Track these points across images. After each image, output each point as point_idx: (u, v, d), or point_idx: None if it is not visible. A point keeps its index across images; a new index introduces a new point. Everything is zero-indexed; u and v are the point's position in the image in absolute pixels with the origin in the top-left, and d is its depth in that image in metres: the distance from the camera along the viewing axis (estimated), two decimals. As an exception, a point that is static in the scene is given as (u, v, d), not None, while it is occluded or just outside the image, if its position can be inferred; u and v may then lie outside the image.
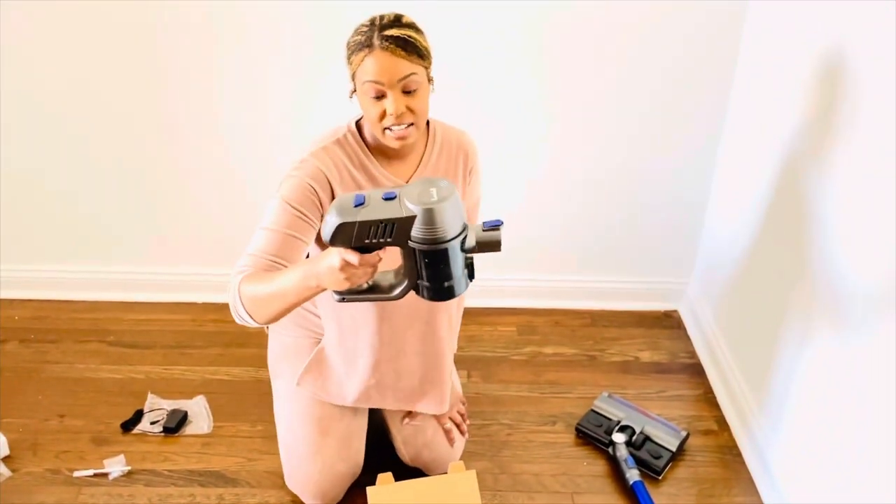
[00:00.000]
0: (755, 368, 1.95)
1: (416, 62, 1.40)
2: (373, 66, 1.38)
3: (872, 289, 1.45)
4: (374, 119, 1.44)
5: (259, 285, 1.37)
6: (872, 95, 1.46)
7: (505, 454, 1.96)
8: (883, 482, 1.40)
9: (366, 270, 1.28)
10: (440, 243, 1.22)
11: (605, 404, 2.06)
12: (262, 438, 1.98)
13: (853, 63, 1.53)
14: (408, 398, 1.75)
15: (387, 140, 1.46)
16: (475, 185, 1.70)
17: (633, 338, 2.39)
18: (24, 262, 2.45)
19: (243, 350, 2.28)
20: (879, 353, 1.42)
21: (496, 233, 1.25)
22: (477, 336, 2.38)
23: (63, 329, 2.36)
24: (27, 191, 2.33)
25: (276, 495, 1.82)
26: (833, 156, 1.60)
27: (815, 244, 1.66)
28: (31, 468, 1.88)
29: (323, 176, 1.49)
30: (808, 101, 1.71)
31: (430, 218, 1.20)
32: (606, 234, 2.40)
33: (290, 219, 1.46)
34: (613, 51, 2.10)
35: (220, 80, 2.15)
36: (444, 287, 1.27)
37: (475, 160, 1.68)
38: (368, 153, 1.54)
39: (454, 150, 1.63)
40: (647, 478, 1.89)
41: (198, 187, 2.32)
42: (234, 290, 1.40)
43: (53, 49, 2.11)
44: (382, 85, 1.39)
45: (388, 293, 1.33)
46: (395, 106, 1.40)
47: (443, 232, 1.21)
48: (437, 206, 1.19)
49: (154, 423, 2.01)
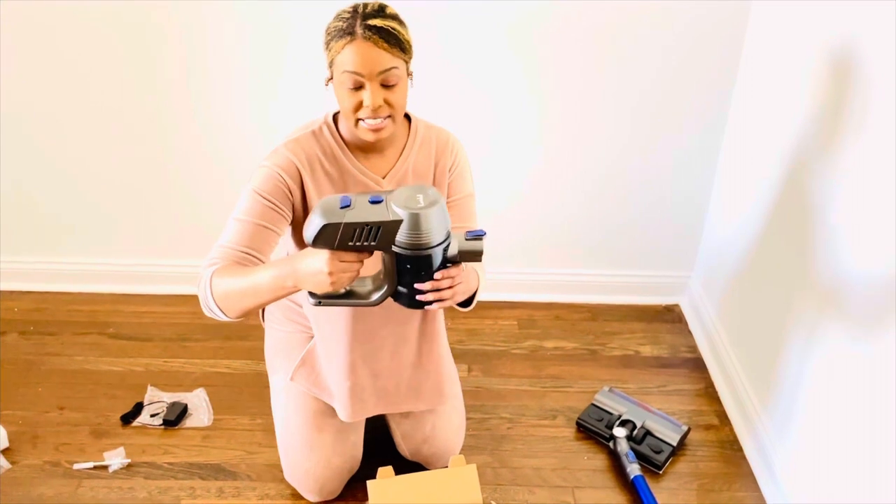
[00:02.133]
0: (757, 363, 1.94)
1: (398, 55, 1.37)
2: (353, 56, 1.34)
3: (875, 284, 1.44)
4: (349, 110, 1.40)
5: (231, 279, 1.36)
6: (877, 91, 1.45)
7: (505, 448, 1.96)
8: (886, 477, 1.39)
9: (350, 275, 1.27)
10: (424, 249, 1.24)
11: (606, 398, 2.06)
12: (262, 431, 1.97)
13: (857, 58, 1.52)
14: (393, 400, 1.70)
15: (360, 132, 1.43)
16: (461, 182, 1.64)
17: (634, 332, 2.39)
18: (23, 254, 2.44)
19: (243, 343, 2.28)
20: (883, 348, 1.41)
21: (479, 242, 1.28)
22: (477, 330, 2.37)
23: (63, 321, 2.36)
24: (27, 182, 2.32)
25: (276, 488, 1.82)
26: (836, 150, 1.59)
27: (817, 238, 1.66)
28: (30, 460, 1.88)
29: (294, 167, 1.47)
30: (811, 94, 1.70)
31: (415, 223, 1.21)
32: (608, 228, 2.39)
33: (262, 209, 1.45)
34: (617, 45, 2.09)
35: (219, 74, 2.14)
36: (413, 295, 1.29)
37: (457, 158, 1.62)
38: (343, 146, 1.51)
39: (434, 148, 1.59)
40: (648, 472, 1.89)
41: (197, 179, 2.31)
42: (205, 283, 1.39)
43: (51, 41, 2.10)
44: (362, 76, 1.36)
45: (366, 299, 1.33)
46: (372, 99, 1.36)
47: (427, 238, 1.23)
48: (424, 211, 1.21)
49: (154, 415, 2.01)
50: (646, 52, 2.10)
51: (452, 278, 1.31)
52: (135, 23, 2.07)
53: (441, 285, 1.30)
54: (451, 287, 1.32)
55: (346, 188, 1.52)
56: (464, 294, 1.41)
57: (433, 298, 1.31)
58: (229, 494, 1.81)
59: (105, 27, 2.08)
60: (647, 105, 2.18)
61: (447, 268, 1.29)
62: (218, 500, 1.79)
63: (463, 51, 2.10)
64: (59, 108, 2.20)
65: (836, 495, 1.55)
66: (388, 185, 1.53)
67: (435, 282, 1.30)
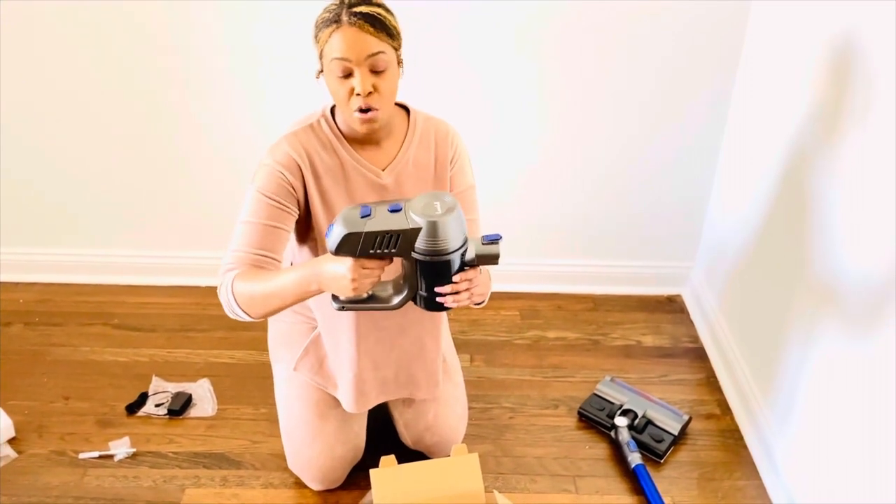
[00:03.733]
0: (758, 353, 1.95)
1: (385, 40, 1.37)
2: (340, 42, 1.35)
3: (875, 276, 1.44)
4: (343, 100, 1.40)
5: (255, 284, 1.39)
6: (878, 83, 1.45)
7: (507, 437, 1.97)
8: (885, 467, 1.40)
9: (371, 280, 1.31)
10: (443, 255, 1.28)
11: (608, 388, 2.06)
12: (265, 421, 1.99)
13: (857, 54, 1.52)
14: (392, 389, 1.74)
15: (354, 123, 1.43)
16: (462, 175, 1.64)
17: (636, 322, 2.39)
18: (28, 245, 2.45)
19: (247, 333, 2.29)
20: (883, 339, 1.42)
21: (495, 246, 1.33)
22: (480, 320, 2.38)
23: (67, 312, 2.37)
24: (31, 174, 2.33)
25: (280, 477, 1.84)
26: (838, 142, 1.59)
27: (817, 230, 1.66)
28: (36, 450, 1.90)
29: (294, 163, 1.48)
30: (813, 87, 1.70)
31: (434, 230, 1.26)
32: (610, 219, 2.39)
33: (268, 209, 1.46)
34: (619, 36, 2.09)
35: (224, 65, 2.15)
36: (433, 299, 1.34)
37: (457, 150, 1.62)
38: (342, 139, 1.51)
39: (434, 140, 1.59)
40: (649, 461, 1.90)
41: (202, 171, 2.32)
42: (227, 289, 1.42)
43: (56, 32, 2.10)
44: (350, 62, 1.36)
45: (388, 303, 1.38)
46: (362, 84, 1.36)
47: (445, 244, 1.27)
48: (441, 219, 1.25)
49: (158, 405, 2.02)
50: (649, 44, 2.10)
51: (470, 281, 1.35)
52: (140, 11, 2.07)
53: (459, 288, 1.34)
54: (468, 289, 1.36)
55: (347, 181, 1.52)
56: (480, 295, 1.46)
57: (452, 301, 1.35)
58: (233, 483, 1.82)
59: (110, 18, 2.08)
60: (649, 97, 2.18)
61: (465, 271, 1.34)
62: (222, 488, 1.81)
63: (468, 46, 2.10)
64: (62, 102, 2.21)
65: (836, 484, 1.56)
66: (388, 178, 1.54)
67: (454, 285, 1.34)
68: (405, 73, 1.47)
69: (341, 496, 1.79)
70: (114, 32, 2.10)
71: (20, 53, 2.14)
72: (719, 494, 1.82)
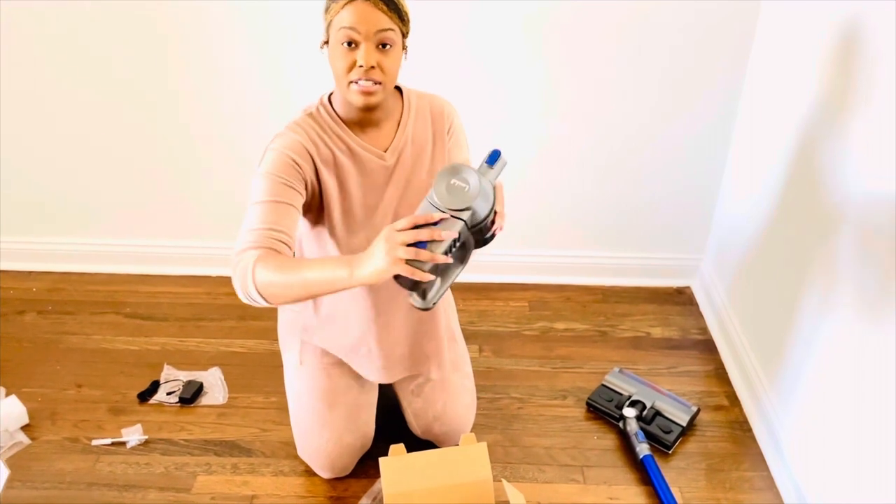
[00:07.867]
0: (767, 344, 1.95)
1: (395, 21, 1.38)
2: (351, 14, 1.35)
3: (887, 268, 1.44)
4: (343, 70, 1.40)
5: (277, 272, 1.32)
6: (888, 74, 1.44)
7: (516, 427, 1.97)
8: (894, 459, 1.40)
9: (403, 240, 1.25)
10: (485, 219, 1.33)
11: (616, 379, 2.07)
12: (275, 409, 2.00)
13: (871, 37, 1.52)
14: (397, 364, 1.78)
15: (350, 95, 1.42)
16: (458, 149, 1.65)
17: (645, 313, 2.39)
18: (41, 234, 2.48)
19: (257, 323, 2.30)
20: (893, 332, 1.41)
21: (502, 161, 1.40)
22: (489, 311, 2.39)
23: (80, 301, 2.39)
24: (45, 164, 2.35)
25: (290, 465, 1.85)
26: (849, 133, 1.59)
27: (828, 222, 1.65)
28: (50, 436, 1.92)
29: (302, 147, 1.48)
30: (825, 76, 1.70)
31: (474, 214, 1.30)
32: (619, 211, 2.39)
33: (279, 188, 1.44)
34: (630, 26, 2.08)
35: (231, 54, 2.16)
36: (484, 239, 1.40)
37: (453, 122, 1.63)
38: (342, 123, 1.53)
39: (429, 116, 1.61)
40: (657, 452, 1.90)
41: (215, 161, 2.33)
42: (247, 271, 1.33)
43: (69, 23, 2.11)
44: (358, 33, 1.36)
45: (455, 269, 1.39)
46: (366, 58, 1.37)
47: (484, 211, 1.32)
48: (475, 202, 1.29)
49: (170, 393, 2.04)
50: (660, 35, 2.09)
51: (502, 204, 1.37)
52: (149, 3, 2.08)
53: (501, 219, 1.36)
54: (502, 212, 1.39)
55: (353, 163, 1.53)
56: None
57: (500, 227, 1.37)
58: (244, 470, 1.84)
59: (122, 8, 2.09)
60: (659, 89, 2.18)
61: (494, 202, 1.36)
62: (233, 475, 1.82)
63: (480, 36, 2.10)
64: (75, 93, 2.22)
65: (844, 474, 1.56)
66: (391, 158, 1.55)
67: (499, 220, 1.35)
68: (407, 64, 1.48)
69: (350, 484, 1.80)
70: (125, 22, 2.11)
71: (30, 43, 2.15)
72: (727, 485, 1.83)
